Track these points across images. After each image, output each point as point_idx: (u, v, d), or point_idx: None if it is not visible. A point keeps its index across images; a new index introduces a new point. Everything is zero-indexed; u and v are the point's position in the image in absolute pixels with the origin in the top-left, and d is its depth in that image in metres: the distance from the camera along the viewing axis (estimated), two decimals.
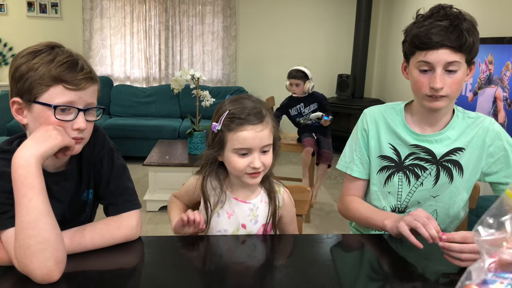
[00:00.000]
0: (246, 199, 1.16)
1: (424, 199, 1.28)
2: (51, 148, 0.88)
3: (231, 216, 1.15)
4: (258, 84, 5.23)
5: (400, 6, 4.82)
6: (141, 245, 1.05)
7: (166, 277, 0.90)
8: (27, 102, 0.91)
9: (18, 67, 0.91)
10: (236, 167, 1.08)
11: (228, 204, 1.16)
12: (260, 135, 1.06)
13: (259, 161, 1.07)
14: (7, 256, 0.88)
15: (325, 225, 3.15)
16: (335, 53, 5.38)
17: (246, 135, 1.05)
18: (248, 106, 1.07)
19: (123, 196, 1.06)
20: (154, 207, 3.24)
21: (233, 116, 1.06)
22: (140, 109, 4.83)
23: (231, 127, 1.06)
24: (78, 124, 0.93)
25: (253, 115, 1.06)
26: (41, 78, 0.89)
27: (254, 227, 1.16)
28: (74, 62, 0.92)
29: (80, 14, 4.98)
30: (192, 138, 3.26)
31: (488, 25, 2.96)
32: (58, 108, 0.90)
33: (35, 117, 0.92)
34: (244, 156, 1.07)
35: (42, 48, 0.92)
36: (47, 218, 0.85)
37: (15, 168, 0.85)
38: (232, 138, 1.06)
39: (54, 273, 0.84)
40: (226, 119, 1.06)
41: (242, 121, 1.05)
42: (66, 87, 0.90)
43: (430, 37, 1.09)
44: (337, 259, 1.06)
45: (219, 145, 1.09)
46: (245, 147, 1.06)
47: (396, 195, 1.29)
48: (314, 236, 1.22)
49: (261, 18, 5.25)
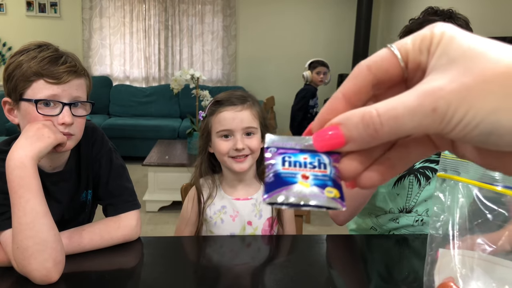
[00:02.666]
0: (248, 196, 1.17)
1: (430, 197, 1.28)
2: (45, 148, 0.87)
3: (236, 218, 1.16)
4: (258, 84, 5.22)
5: (400, 6, 4.81)
6: (141, 246, 1.04)
7: (165, 277, 0.90)
8: (15, 101, 0.92)
9: (7, 68, 0.92)
10: (220, 149, 1.11)
11: (230, 207, 1.16)
12: (240, 115, 1.09)
13: (241, 142, 1.09)
14: (6, 257, 0.88)
15: (325, 225, 3.15)
16: (336, 52, 5.38)
17: (226, 115, 1.09)
18: (229, 93, 1.13)
19: (122, 196, 1.06)
20: (153, 208, 3.23)
21: (216, 101, 1.13)
22: (140, 109, 4.83)
23: (213, 111, 1.12)
24: (63, 118, 0.91)
25: (234, 98, 1.11)
26: (24, 75, 0.89)
27: (259, 222, 1.17)
28: (57, 57, 0.91)
29: (79, 13, 4.97)
30: (192, 138, 3.26)
31: (489, 25, 2.96)
32: (41, 102, 0.89)
33: (22, 115, 0.92)
34: (227, 139, 1.10)
35: (31, 46, 0.92)
36: (45, 219, 0.85)
37: (10, 170, 0.84)
38: (215, 121, 1.11)
39: (53, 274, 0.84)
40: (210, 106, 1.13)
41: (222, 103, 1.11)
42: (47, 81, 0.89)
43: (423, 27, 1.10)
44: (337, 259, 1.06)
45: (206, 132, 1.14)
46: (226, 128, 1.09)
47: (406, 197, 1.29)
48: (314, 236, 1.21)
49: (261, 17, 5.25)
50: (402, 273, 0.97)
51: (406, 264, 1.02)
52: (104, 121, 4.48)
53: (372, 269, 1.03)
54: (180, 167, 3.11)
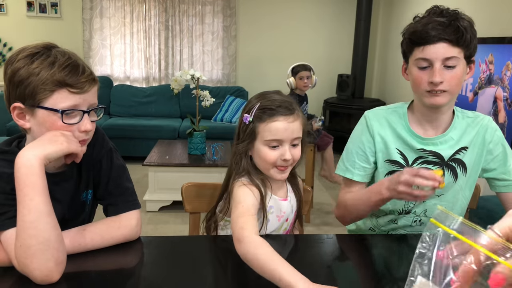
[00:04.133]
0: (285, 197, 1.18)
1: (429, 198, 1.27)
2: (56, 152, 0.88)
3: (281, 218, 1.16)
4: (258, 84, 5.22)
5: (400, 6, 4.81)
6: (141, 246, 1.05)
7: (165, 277, 0.90)
8: (30, 107, 0.90)
9: (16, 71, 0.89)
10: (267, 158, 1.07)
11: (277, 207, 1.15)
12: (292, 126, 1.06)
13: (289, 153, 1.07)
14: (6, 257, 0.88)
15: (325, 225, 3.15)
16: (335, 53, 5.38)
17: (278, 125, 1.05)
18: (277, 99, 1.08)
19: (122, 196, 1.06)
20: (154, 207, 3.24)
21: (264, 107, 1.07)
22: (140, 109, 4.83)
23: (263, 117, 1.06)
24: (85, 126, 0.93)
25: (284, 107, 1.07)
26: (44, 83, 0.87)
27: (291, 215, 1.21)
28: (76, 65, 0.91)
29: (79, 14, 4.98)
30: (192, 138, 3.26)
31: (489, 25, 2.96)
32: (64, 113, 0.90)
33: (40, 122, 0.91)
34: (275, 148, 1.07)
35: (39, 50, 0.90)
36: (49, 218, 0.85)
37: (18, 167, 0.85)
38: (264, 129, 1.06)
39: (54, 274, 0.84)
40: (258, 111, 1.07)
41: (274, 112, 1.06)
42: (71, 91, 0.89)
43: (427, 31, 1.10)
44: (337, 259, 1.06)
45: (250, 137, 1.09)
46: (277, 138, 1.06)
47: None
48: (314, 236, 1.21)
49: (261, 17, 5.25)
50: (402, 272, 0.97)
51: (405, 263, 1.02)
52: (105, 121, 4.49)
53: (372, 268, 1.03)
54: (180, 167, 3.12)
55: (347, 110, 4.83)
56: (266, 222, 1.10)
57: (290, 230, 1.24)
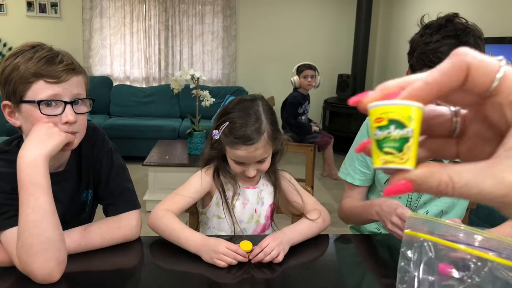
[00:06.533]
0: (253, 186, 1.22)
1: (430, 200, 1.28)
2: (57, 146, 0.88)
3: (246, 205, 1.19)
4: (258, 84, 5.22)
5: (400, 6, 4.81)
6: (141, 245, 1.05)
7: (166, 277, 0.90)
8: (15, 103, 0.91)
9: (3, 71, 0.90)
10: (233, 169, 1.16)
11: (242, 194, 1.20)
12: (254, 154, 1.09)
13: (253, 170, 1.12)
14: (7, 257, 0.88)
15: None
16: (335, 53, 5.38)
17: (240, 153, 1.09)
18: (245, 123, 1.07)
19: (122, 196, 1.06)
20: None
21: (231, 129, 1.08)
22: (140, 109, 4.83)
23: (227, 141, 1.09)
24: (66, 117, 0.91)
25: (247, 136, 1.06)
26: (22, 77, 0.88)
27: (262, 209, 1.22)
28: (53, 56, 0.91)
29: (79, 14, 4.98)
30: (192, 138, 3.26)
31: (489, 25, 2.96)
32: (43, 103, 0.89)
33: (24, 117, 0.92)
34: (240, 164, 1.12)
35: (25, 48, 0.91)
36: (52, 218, 0.85)
37: (22, 167, 0.84)
38: (229, 150, 1.12)
39: (55, 273, 0.84)
40: (225, 130, 1.09)
41: (236, 141, 1.07)
42: (47, 80, 0.89)
43: (439, 56, 1.05)
44: (337, 259, 1.06)
45: (219, 150, 1.15)
46: (240, 161, 1.11)
47: (406, 200, 1.29)
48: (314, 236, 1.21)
49: (261, 17, 5.25)
50: None
51: None
52: (105, 121, 4.49)
53: (372, 268, 1.03)
54: (180, 167, 3.11)
55: (347, 110, 4.83)
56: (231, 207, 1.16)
57: (268, 224, 1.24)
